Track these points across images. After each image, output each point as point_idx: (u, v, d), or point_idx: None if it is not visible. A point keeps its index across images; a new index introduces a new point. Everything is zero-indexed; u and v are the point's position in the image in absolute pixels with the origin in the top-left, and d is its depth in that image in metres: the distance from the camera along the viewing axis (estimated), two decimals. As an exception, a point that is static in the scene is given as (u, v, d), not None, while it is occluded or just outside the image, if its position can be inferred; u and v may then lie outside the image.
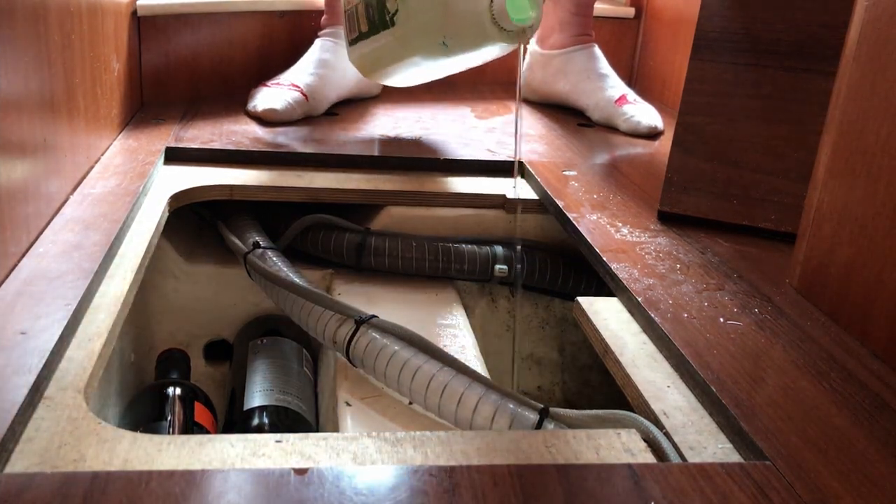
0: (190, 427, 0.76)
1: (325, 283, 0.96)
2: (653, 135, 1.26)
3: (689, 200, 0.87)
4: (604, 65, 1.36)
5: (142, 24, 1.18)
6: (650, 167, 1.10)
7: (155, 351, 0.97)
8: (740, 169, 0.85)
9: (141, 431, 0.53)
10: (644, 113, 1.28)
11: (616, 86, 1.33)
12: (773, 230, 0.84)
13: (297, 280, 0.82)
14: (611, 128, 1.30)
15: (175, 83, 1.25)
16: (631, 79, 1.62)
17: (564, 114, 1.37)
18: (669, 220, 0.88)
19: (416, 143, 1.13)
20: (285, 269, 0.85)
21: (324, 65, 1.24)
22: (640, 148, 1.20)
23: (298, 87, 1.20)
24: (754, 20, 0.82)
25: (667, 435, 0.54)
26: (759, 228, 0.85)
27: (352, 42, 1.08)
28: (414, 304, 0.90)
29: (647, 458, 0.53)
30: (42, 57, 0.74)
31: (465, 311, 0.91)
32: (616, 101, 1.30)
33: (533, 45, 1.44)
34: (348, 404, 0.71)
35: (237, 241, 0.92)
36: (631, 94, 1.32)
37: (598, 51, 1.37)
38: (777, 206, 0.84)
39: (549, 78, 1.39)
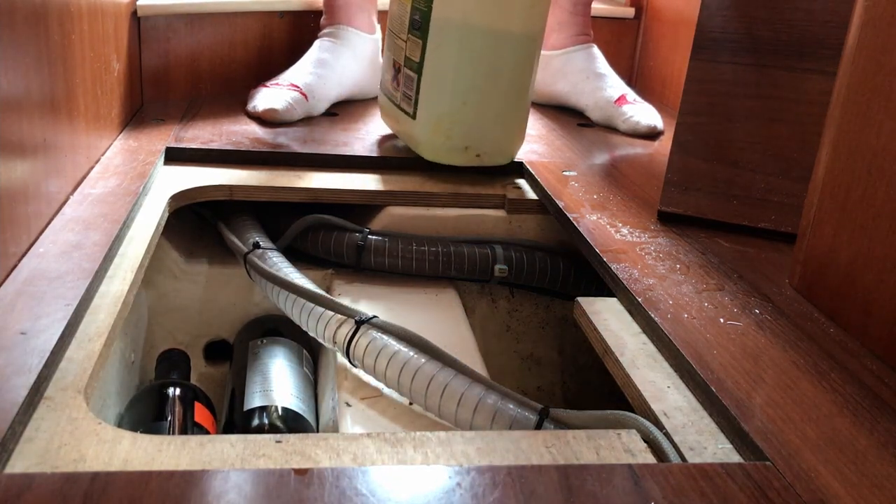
0: (190, 427, 0.76)
1: (325, 283, 0.96)
2: (652, 135, 1.26)
3: (689, 200, 0.87)
4: (603, 64, 1.36)
5: (142, 24, 1.18)
6: (650, 167, 1.10)
7: (155, 351, 0.97)
8: (740, 169, 0.85)
9: (141, 432, 0.53)
10: (643, 113, 1.28)
11: (615, 85, 1.33)
12: (773, 230, 0.84)
13: (296, 280, 0.82)
14: (611, 128, 1.30)
15: (175, 83, 1.25)
16: (631, 79, 1.62)
17: (564, 114, 1.37)
18: (669, 220, 0.88)
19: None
20: (285, 269, 0.85)
21: (323, 64, 1.24)
22: (639, 148, 1.20)
23: (298, 87, 1.19)
24: (754, 20, 0.82)
25: (667, 435, 0.54)
26: (758, 228, 0.85)
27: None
28: (414, 305, 0.90)
29: (648, 458, 0.53)
30: (42, 57, 0.74)
31: (465, 312, 0.91)
32: (615, 101, 1.30)
33: None
34: (348, 405, 0.71)
35: (237, 242, 0.92)
36: (631, 94, 1.32)
37: (597, 50, 1.37)
38: (777, 206, 0.84)
39: (548, 79, 1.39)
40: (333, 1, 1.28)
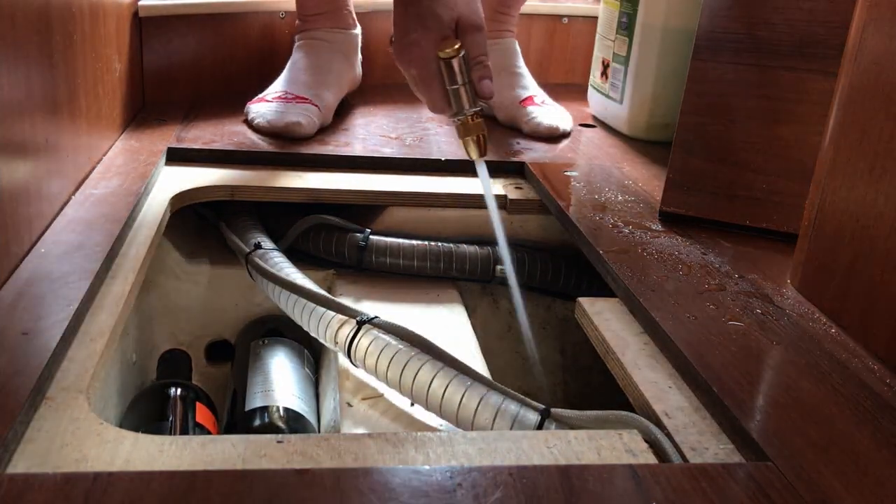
0: (191, 428, 0.76)
1: (326, 283, 0.96)
2: (553, 136, 1.20)
3: (690, 200, 0.87)
4: (519, 63, 1.30)
5: (143, 24, 1.18)
6: (651, 167, 1.10)
7: (156, 351, 0.97)
8: (742, 169, 0.85)
9: (142, 432, 0.53)
10: (547, 114, 1.22)
11: (527, 86, 1.27)
12: (774, 230, 0.84)
13: (298, 281, 0.82)
14: (515, 129, 1.23)
15: (177, 83, 1.25)
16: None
17: (566, 114, 1.37)
18: (671, 220, 0.88)
19: (417, 143, 1.13)
20: (287, 269, 0.85)
21: (321, 70, 1.21)
22: (641, 148, 1.20)
23: (307, 99, 1.15)
24: (755, 20, 0.82)
25: (668, 435, 0.54)
26: (760, 229, 0.85)
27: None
28: (415, 305, 0.90)
29: (649, 458, 0.53)
30: (44, 58, 0.75)
31: (467, 312, 0.91)
32: (521, 102, 1.24)
33: None
34: (350, 405, 0.71)
35: (239, 242, 0.92)
36: (540, 97, 1.27)
37: (516, 46, 1.31)
38: (778, 207, 0.84)
39: None
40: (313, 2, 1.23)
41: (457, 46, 0.83)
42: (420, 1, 0.85)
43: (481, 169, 0.86)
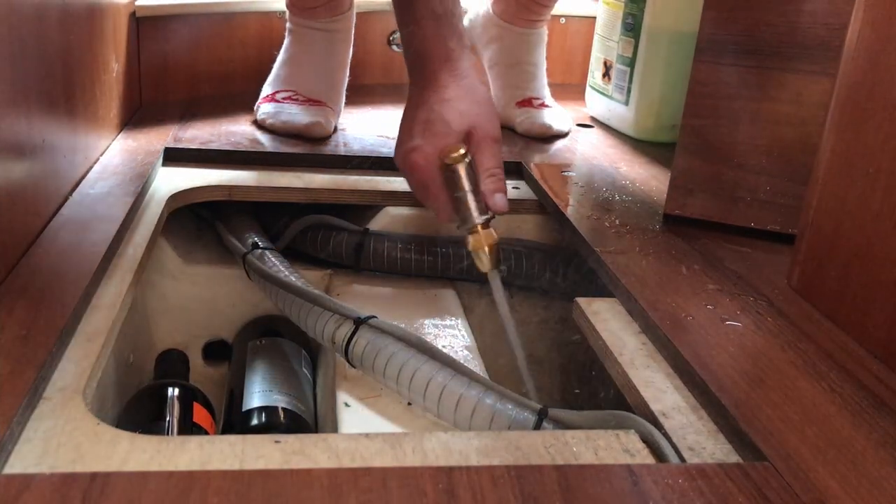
0: (189, 427, 0.76)
1: (323, 283, 0.96)
2: (546, 136, 1.19)
3: (694, 203, 0.87)
4: (536, 58, 1.26)
5: (140, 24, 1.17)
6: (650, 167, 1.10)
7: (154, 351, 0.97)
8: (745, 171, 0.85)
9: (140, 432, 0.53)
10: (540, 115, 1.20)
11: (531, 87, 1.24)
12: (779, 233, 0.84)
13: (295, 280, 0.82)
14: (509, 129, 1.20)
15: (174, 84, 1.25)
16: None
17: (564, 114, 1.37)
18: (674, 222, 0.88)
19: (416, 143, 1.13)
20: (284, 269, 0.85)
21: (326, 67, 1.20)
22: (640, 148, 1.20)
23: (322, 102, 1.15)
24: (757, 22, 0.82)
25: (666, 436, 0.54)
26: (763, 231, 0.85)
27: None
28: (413, 305, 0.90)
29: (646, 458, 0.53)
30: (41, 58, 0.74)
31: (465, 312, 0.90)
32: (518, 103, 1.21)
33: (487, 4, 1.28)
34: (347, 405, 0.71)
35: (236, 242, 0.92)
36: (540, 99, 1.24)
37: (544, 36, 1.27)
38: (782, 209, 0.84)
39: (481, 44, 1.28)
40: None
41: (462, 152, 0.77)
42: (429, 105, 0.80)
43: (495, 281, 0.79)
